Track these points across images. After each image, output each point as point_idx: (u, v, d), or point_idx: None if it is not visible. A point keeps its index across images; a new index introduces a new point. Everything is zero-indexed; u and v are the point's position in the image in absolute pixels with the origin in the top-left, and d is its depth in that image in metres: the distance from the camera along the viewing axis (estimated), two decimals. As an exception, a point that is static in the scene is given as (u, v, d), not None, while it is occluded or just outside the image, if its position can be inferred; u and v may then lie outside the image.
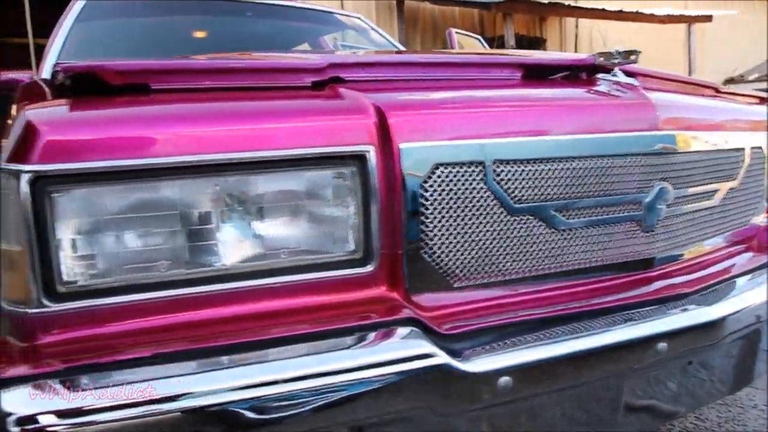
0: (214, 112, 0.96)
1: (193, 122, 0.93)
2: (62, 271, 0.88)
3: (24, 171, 0.85)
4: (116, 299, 0.90)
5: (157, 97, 0.97)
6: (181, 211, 0.93)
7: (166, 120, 0.92)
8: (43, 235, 0.87)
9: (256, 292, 0.98)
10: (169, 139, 0.90)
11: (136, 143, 0.89)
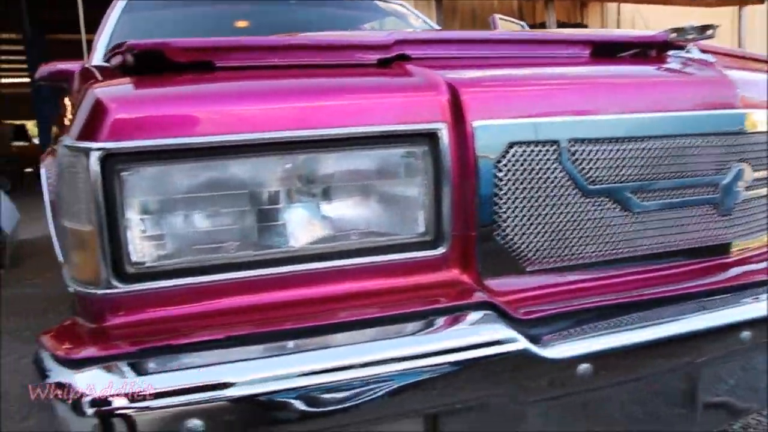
0: (283, 89, 0.93)
1: (263, 99, 0.90)
2: (131, 251, 0.86)
3: (93, 149, 0.83)
4: (184, 281, 0.88)
5: (224, 75, 0.95)
6: (251, 190, 0.90)
7: (235, 97, 0.89)
8: (112, 214, 0.85)
9: (324, 274, 0.95)
10: (239, 117, 0.88)
11: (206, 120, 0.86)
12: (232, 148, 0.88)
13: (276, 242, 0.92)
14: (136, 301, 0.87)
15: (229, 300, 0.90)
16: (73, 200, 0.87)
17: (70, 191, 0.87)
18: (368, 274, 0.97)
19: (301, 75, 0.99)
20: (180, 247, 0.88)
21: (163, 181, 0.86)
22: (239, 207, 0.90)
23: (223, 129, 0.87)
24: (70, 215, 0.88)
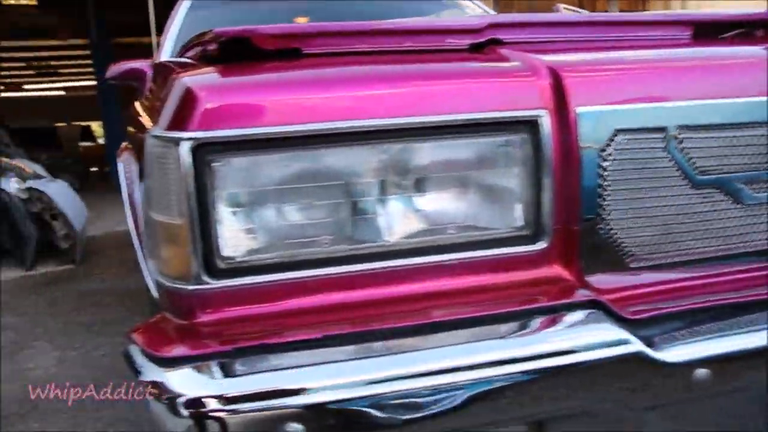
0: (376, 75, 0.88)
1: (356, 86, 0.86)
2: (222, 245, 0.83)
3: (184, 138, 0.80)
4: (276, 276, 0.84)
5: (313, 61, 0.91)
6: (344, 181, 0.85)
7: (328, 83, 0.85)
8: (203, 206, 0.82)
9: (418, 270, 0.90)
10: (332, 104, 0.83)
11: (298, 108, 0.82)
12: (325, 137, 0.83)
13: (370, 236, 0.87)
14: (227, 298, 0.84)
15: (321, 297, 0.86)
16: (162, 192, 0.84)
17: (160, 183, 0.84)
18: (464, 270, 0.91)
19: (392, 61, 0.94)
20: (272, 242, 0.84)
21: (255, 171, 0.83)
22: (332, 199, 0.85)
23: (316, 117, 0.82)
24: (159, 208, 0.85)
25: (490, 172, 0.92)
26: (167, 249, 0.85)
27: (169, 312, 0.87)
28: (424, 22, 1.07)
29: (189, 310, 0.84)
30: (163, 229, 0.85)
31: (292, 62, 0.90)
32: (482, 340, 0.82)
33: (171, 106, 0.84)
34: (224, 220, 0.83)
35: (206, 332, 0.82)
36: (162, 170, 0.84)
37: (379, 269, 0.87)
